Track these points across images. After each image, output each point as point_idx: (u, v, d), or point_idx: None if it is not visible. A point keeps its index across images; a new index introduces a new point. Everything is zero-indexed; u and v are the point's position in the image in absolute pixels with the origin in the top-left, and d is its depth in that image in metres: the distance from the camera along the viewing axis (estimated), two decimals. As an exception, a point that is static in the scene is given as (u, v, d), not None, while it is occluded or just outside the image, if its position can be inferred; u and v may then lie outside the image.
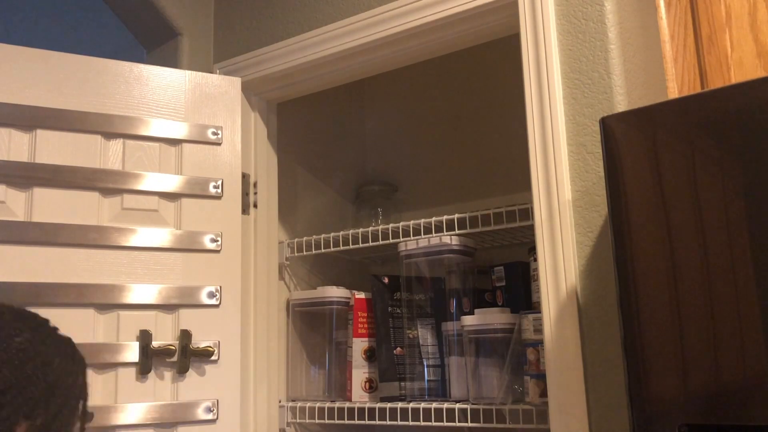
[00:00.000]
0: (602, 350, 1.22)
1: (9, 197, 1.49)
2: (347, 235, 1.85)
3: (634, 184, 1.00)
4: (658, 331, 0.95)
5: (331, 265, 2.11)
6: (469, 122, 2.14)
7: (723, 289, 0.91)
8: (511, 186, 1.99)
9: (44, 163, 1.52)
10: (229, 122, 1.73)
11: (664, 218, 0.97)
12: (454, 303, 1.67)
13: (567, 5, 1.36)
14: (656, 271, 0.97)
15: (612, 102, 1.28)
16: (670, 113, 1.00)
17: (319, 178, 2.16)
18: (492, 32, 1.55)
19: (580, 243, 1.27)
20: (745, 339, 0.89)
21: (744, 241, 0.91)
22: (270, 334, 1.82)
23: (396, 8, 1.58)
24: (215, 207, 1.67)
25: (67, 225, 1.52)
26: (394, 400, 1.71)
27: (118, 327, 1.53)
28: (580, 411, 1.22)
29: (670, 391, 0.94)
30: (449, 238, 1.66)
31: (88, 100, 1.59)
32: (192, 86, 1.71)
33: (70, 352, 1.01)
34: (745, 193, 0.92)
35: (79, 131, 1.57)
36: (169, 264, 1.60)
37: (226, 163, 1.70)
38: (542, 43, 1.36)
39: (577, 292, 1.26)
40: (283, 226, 1.97)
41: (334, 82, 1.84)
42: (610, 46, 1.30)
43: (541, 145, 1.34)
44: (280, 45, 1.78)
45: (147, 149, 1.63)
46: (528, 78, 1.37)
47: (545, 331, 1.28)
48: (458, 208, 2.08)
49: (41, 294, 1.46)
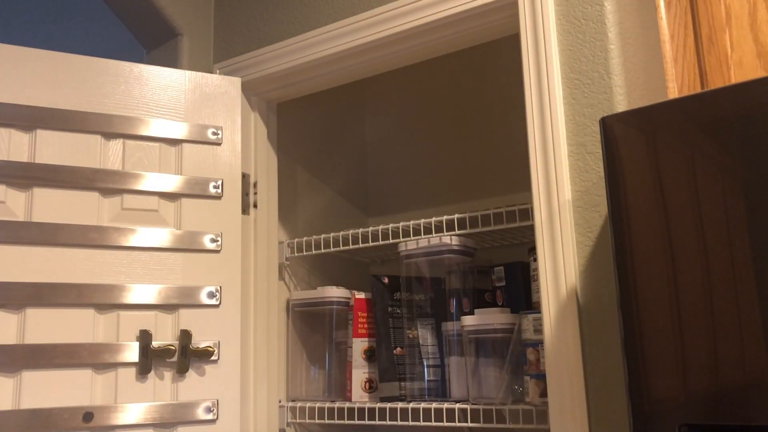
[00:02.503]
0: (602, 350, 1.22)
1: (9, 197, 1.49)
2: (347, 235, 1.85)
3: (634, 184, 1.00)
4: (658, 331, 0.95)
5: (331, 265, 2.11)
6: (469, 122, 2.14)
7: (723, 289, 0.91)
8: (511, 186, 1.99)
9: (44, 164, 1.52)
10: (229, 122, 1.73)
11: (664, 218, 0.97)
12: (454, 303, 1.67)
13: (567, 5, 1.36)
14: (656, 271, 0.97)
15: (612, 102, 1.28)
16: (670, 113, 1.00)
17: (319, 178, 2.16)
18: (492, 32, 1.55)
19: (580, 243, 1.27)
20: (744, 339, 0.89)
21: (744, 241, 0.91)
22: (270, 335, 1.82)
23: (396, 8, 1.58)
24: (215, 207, 1.67)
25: (67, 225, 1.52)
26: (394, 400, 1.71)
27: (118, 327, 1.53)
28: (580, 411, 1.22)
29: (670, 391, 0.94)
30: (449, 238, 1.66)
31: (88, 100, 1.59)
32: (192, 86, 1.71)
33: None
34: (745, 193, 0.92)
35: (79, 131, 1.57)
36: (169, 264, 1.60)
37: (226, 163, 1.70)
38: (542, 43, 1.36)
39: (577, 292, 1.26)
40: (283, 226, 1.97)
41: (334, 82, 1.84)
42: (610, 46, 1.30)
43: (541, 145, 1.34)
44: (280, 45, 1.78)
45: (147, 149, 1.63)
46: (528, 78, 1.37)
47: (545, 331, 1.28)
48: (458, 208, 2.08)
49: (41, 294, 1.46)
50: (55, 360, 1.45)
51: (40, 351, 1.44)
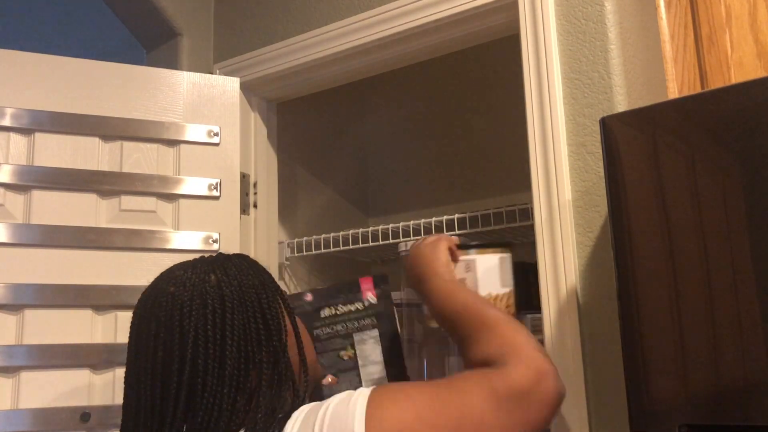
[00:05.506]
0: (602, 350, 1.22)
1: (8, 200, 1.49)
2: (347, 235, 1.85)
3: (634, 184, 1.00)
4: (658, 331, 0.95)
5: (331, 265, 2.11)
6: (469, 122, 2.14)
7: (723, 289, 0.91)
8: (511, 186, 1.98)
9: (43, 166, 1.52)
10: (228, 122, 1.73)
11: (664, 218, 0.97)
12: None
13: (567, 5, 1.36)
14: (656, 271, 0.96)
15: (612, 102, 1.27)
16: (670, 113, 0.99)
17: (319, 178, 2.16)
18: (492, 32, 1.55)
19: (580, 243, 1.27)
20: (745, 339, 0.89)
21: (744, 241, 0.90)
22: (270, 335, 1.81)
23: (396, 8, 1.58)
24: (214, 207, 1.67)
25: (66, 227, 1.52)
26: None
27: (116, 328, 1.53)
28: (580, 411, 1.22)
29: (670, 391, 0.93)
30: (449, 239, 1.66)
31: (86, 102, 1.59)
32: (190, 86, 1.71)
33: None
34: (745, 193, 0.92)
35: (77, 134, 1.57)
36: (166, 265, 1.57)
37: (224, 163, 1.70)
38: (542, 43, 1.36)
39: (577, 292, 1.26)
40: (283, 226, 1.96)
41: (334, 82, 1.84)
42: (610, 46, 1.29)
43: (541, 145, 1.33)
44: (280, 45, 1.78)
45: (145, 150, 1.63)
46: (528, 78, 1.37)
47: (545, 331, 1.28)
48: (458, 208, 2.08)
49: (40, 295, 1.46)
50: (54, 360, 1.45)
51: (38, 351, 1.44)
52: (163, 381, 0.93)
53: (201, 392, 0.91)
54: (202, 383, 0.92)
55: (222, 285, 0.98)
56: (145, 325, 0.98)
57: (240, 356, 0.94)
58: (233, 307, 0.96)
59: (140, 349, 0.98)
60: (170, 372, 0.93)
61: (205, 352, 0.93)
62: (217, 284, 0.98)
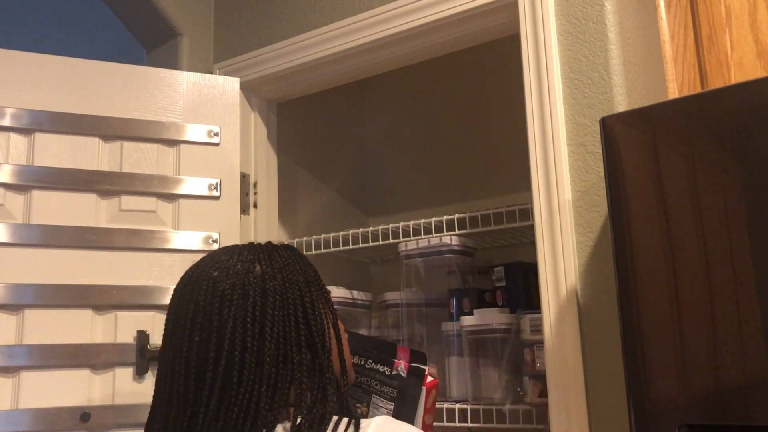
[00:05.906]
0: (602, 350, 1.22)
1: (8, 200, 1.49)
2: (347, 235, 1.84)
3: (634, 184, 1.00)
4: (658, 331, 0.95)
5: (331, 265, 2.11)
6: (468, 122, 2.14)
7: (723, 289, 0.91)
8: (511, 186, 1.98)
9: (42, 166, 1.52)
10: (228, 122, 1.73)
11: (664, 218, 0.97)
12: (454, 303, 1.67)
13: (567, 5, 1.36)
14: (656, 271, 0.96)
15: (612, 102, 1.27)
16: (670, 113, 0.99)
17: (319, 178, 2.16)
18: (492, 32, 1.55)
19: (580, 243, 1.27)
20: (745, 339, 0.89)
21: (744, 241, 0.90)
22: (269, 335, 1.81)
23: (396, 8, 1.58)
24: (213, 207, 1.67)
25: (66, 227, 1.52)
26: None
27: (116, 328, 1.53)
28: (580, 411, 1.22)
29: (670, 391, 0.93)
30: (449, 238, 1.66)
31: (86, 102, 1.59)
32: (190, 86, 1.71)
33: None
34: (745, 193, 0.92)
35: (77, 134, 1.57)
36: (166, 265, 1.60)
37: (224, 163, 1.70)
38: (542, 43, 1.36)
39: (577, 292, 1.26)
40: (283, 226, 1.96)
41: (334, 82, 1.84)
42: (610, 46, 1.29)
43: (541, 145, 1.33)
44: (280, 45, 1.78)
45: (145, 150, 1.63)
46: (528, 78, 1.37)
47: (545, 331, 1.28)
48: (458, 208, 2.07)
49: (40, 295, 1.46)
50: (54, 360, 1.45)
51: (38, 351, 1.44)
52: (198, 367, 0.89)
53: (236, 386, 0.87)
54: (238, 377, 0.88)
55: (266, 277, 0.94)
56: (184, 306, 0.94)
57: (278, 355, 0.91)
58: (275, 303, 0.93)
59: (177, 329, 0.94)
60: (206, 360, 0.89)
61: (243, 344, 0.89)
62: (261, 276, 0.94)
